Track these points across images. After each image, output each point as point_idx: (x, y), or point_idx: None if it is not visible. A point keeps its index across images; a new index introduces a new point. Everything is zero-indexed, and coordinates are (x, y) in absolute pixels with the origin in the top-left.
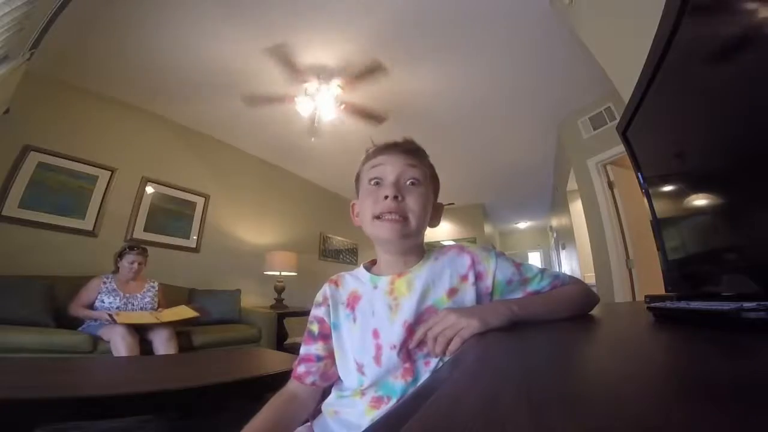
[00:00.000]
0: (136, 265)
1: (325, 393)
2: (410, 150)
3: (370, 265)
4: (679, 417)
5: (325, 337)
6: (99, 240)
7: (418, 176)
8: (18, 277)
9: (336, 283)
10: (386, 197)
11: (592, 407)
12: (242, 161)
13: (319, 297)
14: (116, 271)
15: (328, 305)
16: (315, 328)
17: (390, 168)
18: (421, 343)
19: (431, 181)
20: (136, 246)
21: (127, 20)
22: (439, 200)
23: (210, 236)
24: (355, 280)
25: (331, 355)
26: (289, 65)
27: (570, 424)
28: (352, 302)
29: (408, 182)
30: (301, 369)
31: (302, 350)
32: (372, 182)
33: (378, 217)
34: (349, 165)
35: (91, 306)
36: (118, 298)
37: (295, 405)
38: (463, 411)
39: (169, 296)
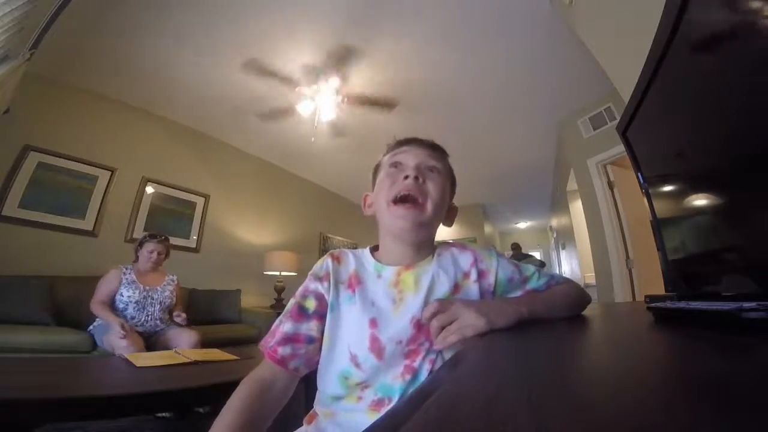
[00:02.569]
0: (155, 255)
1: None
2: (433, 145)
3: (374, 250)
4: (680, 417)
5: (320, 316)
6: (99, 240)
7: (439, 167)
8: (18, 277)
9: (338, 260)
10: (406, 177)
11: (593, 407)
12: (242, 161)
13: (320, 270)
14: (135, 260)
15: (329, 282)
16: (311, 304)
17: (412, 155)
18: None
19: (449, 178)
20: (157, 234)
21: (127, 21)
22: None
23: (210, 236)
24: (358, 261)
25: (322, 338)
26: (272, 75)
27: (571, 425)
28: (354, 284)
29: (428, 168)
30: (285, 350)
31: (286, 327)
32: (392, 166)
33: (395, 202)
34: (349, 165)
35: (113, 301)
36: (137, 292)
37: (273, 394)
38: (463, 411)
39: None
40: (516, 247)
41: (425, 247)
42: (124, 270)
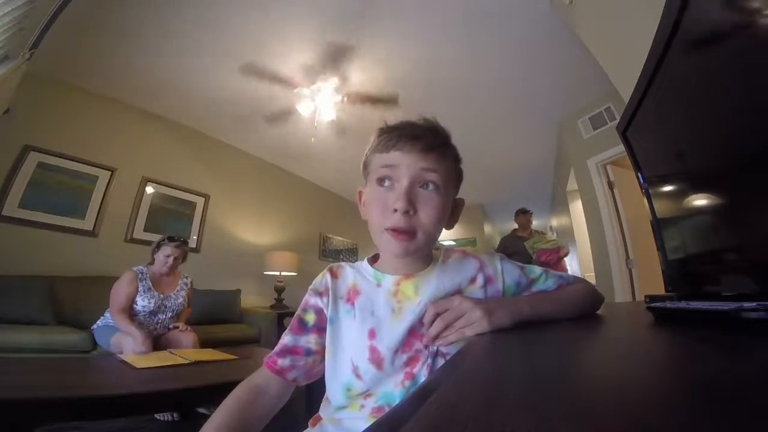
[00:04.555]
0: (171, 259)
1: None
2: (432, 147)
3: (373, 261)
4: (680, 417)
5: (319, 330)
6: (99, 240)
7: (437, 181)
8: (18, 277)
9: (335, 275)
10: (395, 210)
11: (593, 408)
12: (242, 161)
13: (319, 285)
14: (151, 263)
15: (328, 297)
16: (311, 318)
17: (404, 170)
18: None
19: (453, 181)
20: (175, 237)
21: (127, 21)
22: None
23: (210, 236)
24: (356, 273)
25: (321, 351)
26: (270, 77)
27: (570, 425)
28: (352, 297)
29: (424, 187)
30: (284, 362)
31: (287, 340)
32: (380, 181)
33: (385, 229)
34: (349, 165)
35: (132, 307)
36: (153, 301)
37: (266, 400)
38: (462, 412)
39: None
40: (524, 213)
41: (422, 257)
42: (139, 274)
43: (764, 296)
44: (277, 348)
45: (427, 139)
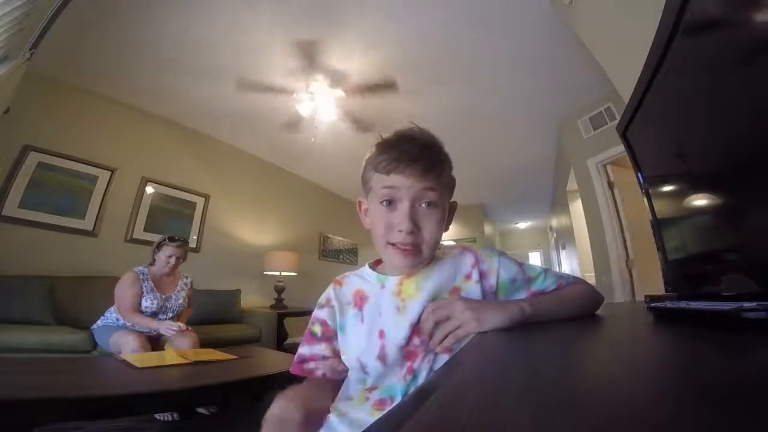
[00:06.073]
0: (173, 260)
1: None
2: (429, 167)
3: (375, 265)
4: (680, 418)
5: (328, 339)
6: (99, 240)
7: (436, 199)
8: (18, 277)
9: (340, 284)
10: (400, 230)
11: (593, 408)
12: (242, 161)
13: (322, 299)
14: (152, 263)
15: (333, 307)
16: (318, 329)
17: (405, 192)
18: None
19: (448, 191)
20: (177, 237)
21: (127, 21)
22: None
23: (210, 236)
24: (360, 279)
25: (336, 355)
26: (265, 89)
27: (571, 425)
28: (360, 302)
29: (424, 204)
30: (309, 366)
31: (305, 350)
32: (383, 202)
33: (391, 244)
34: (349, 165)
35: (139, 305)
36: (156, 302)
37: (318, 393)
38: (464, 411)
39: None
40: None
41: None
42: (140, 275)
43: (764, 296)
44: (296, 359)
45: (425, 159)
